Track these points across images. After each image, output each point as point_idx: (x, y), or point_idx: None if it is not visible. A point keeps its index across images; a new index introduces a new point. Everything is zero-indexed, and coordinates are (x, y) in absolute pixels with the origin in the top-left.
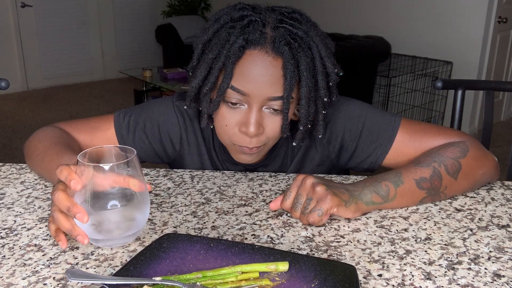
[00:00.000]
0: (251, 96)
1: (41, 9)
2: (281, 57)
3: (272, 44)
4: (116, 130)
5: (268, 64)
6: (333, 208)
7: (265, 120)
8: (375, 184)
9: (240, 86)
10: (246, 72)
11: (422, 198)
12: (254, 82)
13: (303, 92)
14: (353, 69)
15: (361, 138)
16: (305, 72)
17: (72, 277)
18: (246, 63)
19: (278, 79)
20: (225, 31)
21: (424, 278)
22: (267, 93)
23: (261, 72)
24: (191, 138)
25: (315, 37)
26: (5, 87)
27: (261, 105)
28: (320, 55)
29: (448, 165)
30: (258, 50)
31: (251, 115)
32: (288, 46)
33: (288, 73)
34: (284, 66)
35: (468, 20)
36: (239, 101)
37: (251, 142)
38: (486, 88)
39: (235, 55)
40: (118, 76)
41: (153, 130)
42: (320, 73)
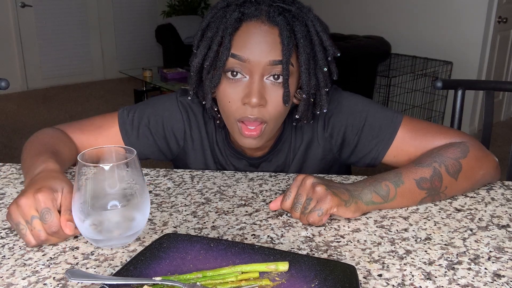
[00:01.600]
0: (251, 63)
1: (41, 9)
2: (277, 26)
3: (267, 15)
4: (121, 126)
5: (265, 32)
6: (333, 208)
7: (267, 92)
8: (375, 184)
9: (240, 52)
10: (244, 40)
11: (422, 198)
12: (253, 48)
13: (301, 59)
14: (353, 69)
15: (363, 132)
16: (302, 39)
17: (72, 277)
18: (244, 33)
19: (276, 44)
20: (221, 12)
21: (424, 278)
22: (266, 58)
23: (259, 39)
24: (195, 133)
25: (309, 13)
26: (5, 87)
27: (262, 73)
28: (316, 29)
29: (448, 165)
30: (254, 21)
31: (253, 85)
32: (282, 16)
33: (285, 39)
34: (281, 33)
35: (468, 20)
36: (240, 71)
37: (254, 112)
38: (486, 88)
39: (232, 26)
40: (118, 76)
41: (157, 126)
42: (317, 45)
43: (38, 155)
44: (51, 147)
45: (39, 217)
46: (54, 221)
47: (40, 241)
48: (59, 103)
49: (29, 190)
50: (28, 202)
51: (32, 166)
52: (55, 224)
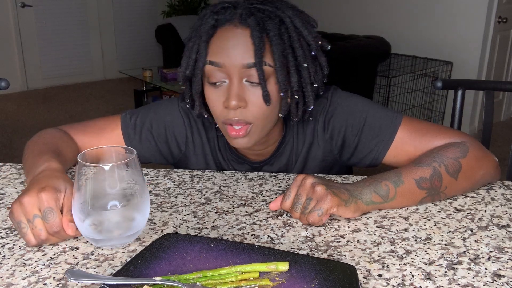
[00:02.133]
0: (227, 67)
1: (41, 9)
2: (249, 27)
3: (240, 18)
4: (123, 130)
5: (238, 35)
6: (333, 208)
7: (247, 93)
8: (375, 184)
9: (216, 58)
10: (219, 46)
11: (422, 198)
12: (228, 53)
13: (275, 57)
14: (353, 69)
15: (363, 133)
16: (275, 38)
17: (72, 277)
18: (218, 39)
19: (249, 47)
20: (199, 21)
21: (424, 278)
22: (241, 61)
23: (232, 43)
24: (196, 138)
25: (287, 10)
26: (5, 87)
27: (239, 76)
28: (294, 25)
29: (448, 165)
30: (227, 26)
31: (231, 88)
32: (253, 16)
33: (255, 39)
34: (252, 35)
35: (468, 20)
36: (220, 78)
37: (236, 114)
38: (486, 88)
39: (206, 33)
40: (118, 76)
41: (159, 130)
42: (296, 41)
43: (40, 154)
44: (53, 147)
45: (41, 216)
46: (56, 221)
47: (40, 240)
48: (59, 103)
49: (32, 188)
50: (31, 200)
51: (34, 165)
52: (56, 224)
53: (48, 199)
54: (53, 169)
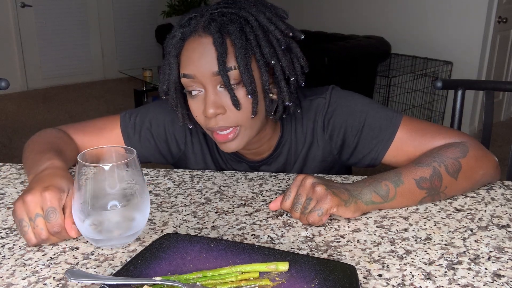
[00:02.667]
0: (198, 77)
1: (41, 9)
2: (211, 35)
3: (202, 27)
4: (122, 129)
5: (203, 44)
6: (333, 208)
7: (223, 99)
8: (375, 184)
9: (187, 71)
10: (188, 58)
11: (422, 198)
12: (196, 64)
13: (238, 60)
14: (353, 69)
15: (362, 133)
16: (237, 41)
17: (72, 277)
18: (186, 52)
19: (214, 54)
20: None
21: (424, 278)
22: (210, 70)
23: (199, 53)
24: (195, 138)
25: (250, 9)
26: (5, 87)
27: (212, 84)
28: (259, 22)
29: (448, 165)
30: (193, 37)
31: (207, 97)
32: (214, 23)
33: (217, 46)
34: (214, 42)
35: (468, 20)
36: (195, 88)
37: (217, 121)
38: (486, 88)
39: (175, 48)
40: (118, 76)
41: (159, 129)
42: (262, 39)
43: (42, 153)
44: (54, 146)
45: (44, 215)
46: (58, 221)
47: (41, 240)
48: (59, 103)
49: (36, 187)
50: (34, 199)
51: (37, 163)
52: (58, 224)
53: (52, 198)
54: (57, 167)
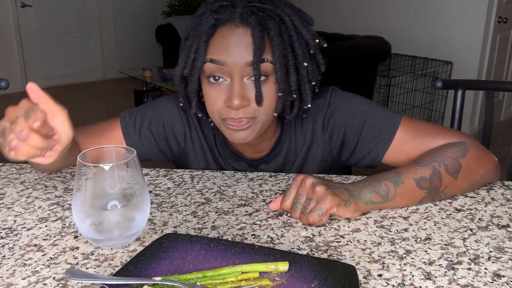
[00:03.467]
0: (229, 65)
1: (41, 9)
2: (250, 27)
3: (240, 18)
4: (123, 129)
5: (239, 34)
6: (333, 208)
7: (249, 91)
8: (375, 183)
9: (217, 57)
10: (220, 45)
11: (422, 197)
12: (230, 51)
13: (275, 57)
14: (353, 69)
15: (362, 133)
16: (276, 37)
17: (72, 277)
18: (219, 38)
19: (250, 46)
20: (198, 20)
21: (424, 278)
22: (243, 59)
23: (234, 42)
24: (194, 135)
25: (286, 9)
26: (5, 87)
27: (241, 75)
28: (294, 24)
29: (448, 164)
30: (228, 26)
31: (233, 87)
32: (255, 16)
33: (256, 39)
34: (252, 34)
35: (468, 20)
36: (221, 75)
37: (238, 113)
38: (486, 88)
39: (206, 33)
40: (118, 76)
41: (159, 127)
42: (296, 41)
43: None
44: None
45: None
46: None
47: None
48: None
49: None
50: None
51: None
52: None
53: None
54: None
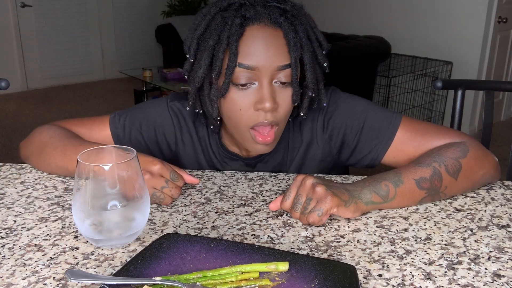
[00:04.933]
0: (260, 69)
1: (41, 9)
2: (280, 28)
3: (269, 17)
4: (112, 131)
5: (270, 35)
6: (333, 208)
7: (277, 95)
8: (375, 184)
9: (247, 61)
10: (250, 47)
11: (422, 198)
12: (260, 54)
13: (306, 57)
14: (353, 69)
15: (362, 134)
16: (304, 38)
17: (72, 277)
18: (248, 39)
19: (282, 48)
20: (219, 18)
21: (424, 278)
22: (275, 63)
23: (265, 44)
24: (186, 138)
25: (301, 10)
26: (5, 87)
27: (270, 78)
28: (310, 25)
29: (448, 165)
30: (257, 25)
31: (264, 90)
32: (284, 17)
33: (291, 40)
34: (286, 35)
35: (468, 20)
36: (249, 80)
37: (267, 116)
38: (486, 88)
39: (237, 32)
40: (118, 76)
41: (149, 131)
42: (314, 41)
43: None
44: (74, 135)
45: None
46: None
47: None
48: (59, 103)
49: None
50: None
51: (82, 145)
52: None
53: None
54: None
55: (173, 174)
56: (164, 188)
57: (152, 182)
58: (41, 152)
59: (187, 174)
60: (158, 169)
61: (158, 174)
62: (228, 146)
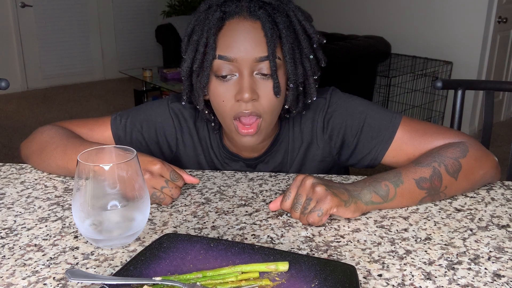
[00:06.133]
0: (239, 61)
1: (41, 9)
2: (259, 20)
3: (248, 10)
4: (113, 132)
5: (248, 27)
6: (333, 208)
7: (258, 86)
8: (375, 184)
9: (226, 53)
10: (229, 39)
11: (422, 198)
12: (239, 46)
13: (285, 49)
14: (353, 69)
15: (362, 134)
16: (284, 30)
17: (72, 277)
18: (228, 32)
19: (260, 39)
20: (204, 14)
21: (424, 278)
22: (253, 55)
23: (243, 36)
24: (187, 139)
25: (289, 4)
26: (5, 87)
27: (250, 69)
28: (298, 18)
29: (448, 165)
30: (236, 19)
31: (243, 81)
32: (263, 9)
33: (268, 31)
34: (263, 26)
35: (468, 20)
36: (229, 71)
37: (248, 106)
38: (486, 88)
39: (215, 26)
40: (118, 76)
41: (150, 132)
42: (301, 34)
43: (73, 138)
44: (75, 135)
45: (169, 179)
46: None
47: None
48: (59, 103)
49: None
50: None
51: (82, 145)
52: (181, 179)
53: (162, 166)
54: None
55: (173, 174)
56: (164, 188)
57: (152, 182)
58: (42, 152)
59: (187, 174)
60: (158, 169)
61: (158, 174)
62: (229, 147)
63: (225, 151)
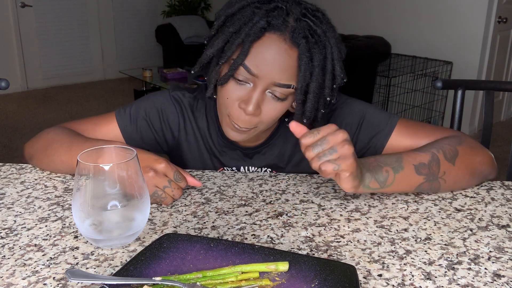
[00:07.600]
0: (259, 78)
1: (41, 9)
2: (297, 48)
3: (292, 33)
4: (119, 123)
5: (284, 51)
6: (347, 172)
7: (265, 103)
8: (377, 169)
9: (252, 66)
10: (261, 53)
11: (419, 183)
12: (266, 65)
13: (312, 87)
14: (353, 69)
15: (360, 132)
16: (317, 68)
17: (72, 277)
18: (263, 45)
19: (289, 67)
20: (250, 10)
21: (424, 278)
22: (275, 78)
23: (275, 57)
24: (188, 126)
25: (331, 39)
26: (5, 87)
27: (265, 88)
28: (332, 56)
29: (446, 150)
30: (277, 35)
31: (253, 94)
32: (305, 39)
33: (302, 65)
34: (299, 58)
35: (468, 20)
36: (246, 80)
37: (244, 121)
38: (486, 88)
39: (255, 34)
40: (118, 76)
41: (154, 118)
42: (328, 73)
43: (78, 136)
44: (80, 134)
45: (172, 179)
46: (183, 178)
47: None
48: (59, 103)
49: (145, 166)
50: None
51: (87, 142)
52: (184, 180)
53: (167, 166)
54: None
55: (176, 174)
56: (166, 187)
57: (155, 181)
58: (47, 148)
59: (190, 176)
60: (162, 168)
61: (162, 173)
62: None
63: (223, 139)
